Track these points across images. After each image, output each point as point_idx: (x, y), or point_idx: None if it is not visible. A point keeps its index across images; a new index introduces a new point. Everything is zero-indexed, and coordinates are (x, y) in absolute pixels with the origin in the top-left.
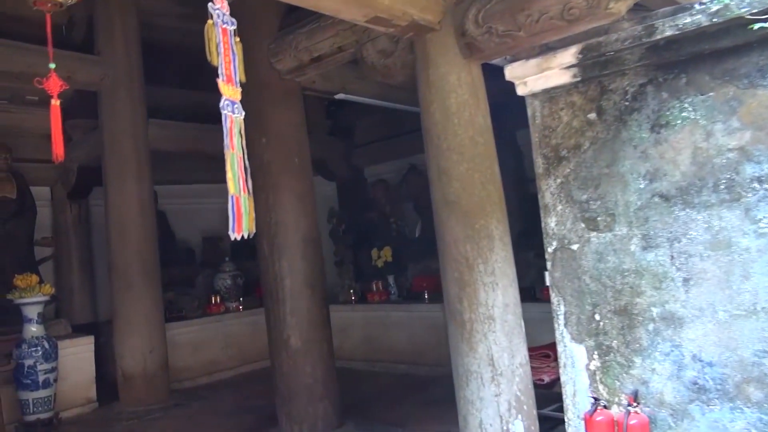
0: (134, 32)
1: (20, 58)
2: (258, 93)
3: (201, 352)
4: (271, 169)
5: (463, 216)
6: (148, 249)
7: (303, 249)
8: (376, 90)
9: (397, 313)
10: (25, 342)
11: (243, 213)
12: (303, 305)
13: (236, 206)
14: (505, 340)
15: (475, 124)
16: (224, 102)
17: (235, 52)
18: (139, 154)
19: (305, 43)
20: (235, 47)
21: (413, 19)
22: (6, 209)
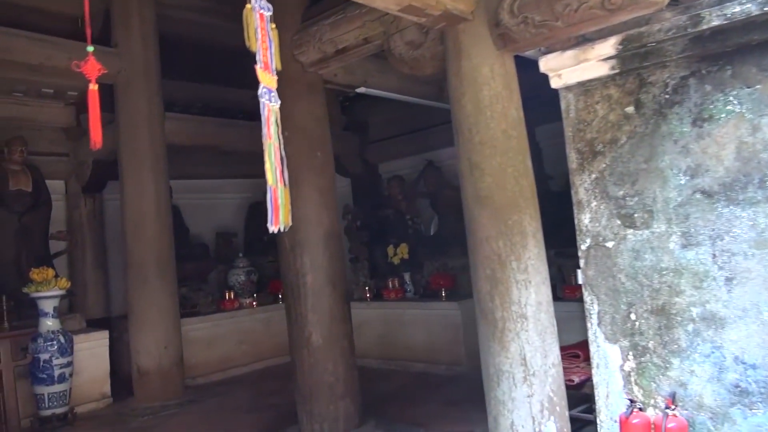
0: (151, 25)
1: (39, 50)
2: (280, 85)
3: (215, 348)
4: (293, 163)
5: (496, 212)
6: (164, 243)
7: (325, 244)
8: (396, 84)
9: (413, 311)
10: (41, 336)
11: (280, 205)
12: (324, 302)
13: (274, 198)
14: (537, 340)
15: (508, 117)
16: (262, 90)
17: (271, 38)
18: (156, 147)
19: (330, 35)
20: (271, 33)
21: (446, 9)
22: (22, 202)
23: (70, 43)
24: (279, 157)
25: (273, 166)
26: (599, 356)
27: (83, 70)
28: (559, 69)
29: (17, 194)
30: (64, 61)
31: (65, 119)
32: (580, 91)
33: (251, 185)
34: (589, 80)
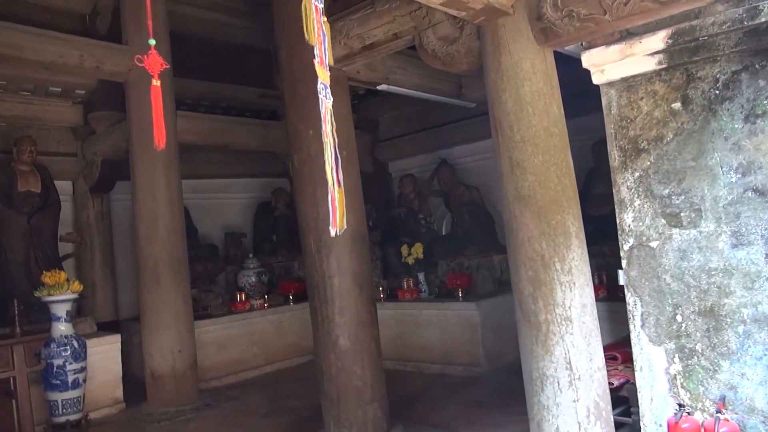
0: (162, 21)
1: (51, 47)
2: (304, 82)
3: (227, 351)
4: (318, 161)
5: (538, 211)
6: (176, 244)
7: (351, 245)
8: (417, 81)
9: (429, 312)
10: (53, 341)
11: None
12: (352, 305)
13: (332, 199)
14: (583, 343)
15: (550, 114)
16: (320, 86)
17: (324, 32)
18: (168, 146)
19: (357, 30)
20: (324, 27)
21: (488, 2)
22: (31, 203)
23: (82, 40)
24: (335, 157)
25: (330, 166)
26: (643, 359)
27: (146, 64)
28: (603, 64)
29: (26, 195)
30: (75, 59)
31: (73, 118)
32: (623, 86)
33: (259, 185)
34: (633, 76)
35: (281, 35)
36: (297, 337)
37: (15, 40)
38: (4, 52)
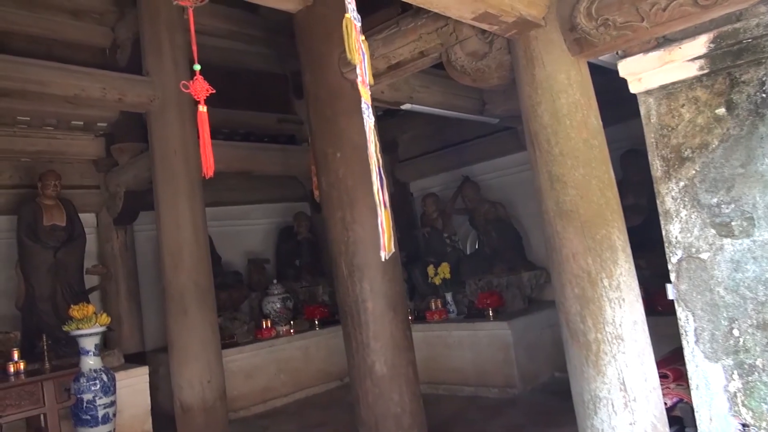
0: (182, 51)
1: (73, 81)
2: (330, 105)
3: (254, 379)
4: (347, 184)
5: (582, 226)
6: (202, 273)
7: (384, 268)
8: (440, 99)
9: (459, 332)
10: (83, 375)
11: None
12: (387, 329)
13: (380, 221)
14: (636, 362)
15: (589, 126)
16: (363, 105)
17: (363, 51)
18: (191, 175)
19: (382, 50)
20: (363, 45)
21: (521, 15)
22: (56, 237)
23: (104, 72)
24: (380, 178)
25: (376, 187)
26: (699, 376)
27: (192, 90)
28: (641, 72)
29: (52, 229)
30: (98, 92)
31: (95, 151)
32: (662, 94)
33: (279, 209)
34: (672, 83)
35: (305, 58)
36: (324, 363)
37: (39, 76)
38: (29, 88)
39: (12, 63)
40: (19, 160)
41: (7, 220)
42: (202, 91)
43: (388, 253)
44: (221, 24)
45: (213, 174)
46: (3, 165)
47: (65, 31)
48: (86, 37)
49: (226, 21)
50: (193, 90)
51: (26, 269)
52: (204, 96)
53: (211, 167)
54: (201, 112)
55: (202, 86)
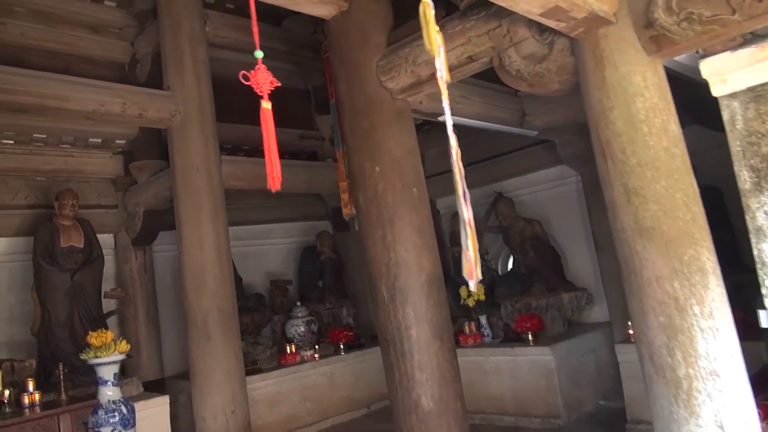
0: (204, 65)
1: (93, 96)
2: (368, 116)
3: (278, 408)
4: (387, 200)
5: (666, 245)
6: (226, 296)
7: (428, 292)
8: (479, 110)
9: (496, 358)
10: (101, 407)
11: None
12: (433, 359)
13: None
14: (735, 401)
15: (669, 133)
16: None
17: (440, 43)
18: (214, 193)
19: (426, 56)
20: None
21: (592, 10)
22: (74, 259)
23: (124, 87)
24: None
25: (461, 203)
26: None
27: (252, 82)
28: (726, 72)
29: (69, 251)
30: (118, 107)
31: (113, 169)
32: (748, 97)
33: (300, 229)
34: (763, 84)
35: (340, 66)
36: (350, 389)
37: (57, 91)
38: (47, 103)
39: (30, 77)
40: (35, 179)
41: (22, 242)
42: (265, 83)
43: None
44: (244, 37)
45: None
46: (18, 184)
47: (84, 46)
48: (105, 52)
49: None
50: (255, 82)
51: (42, 293)
52: (268, 89)
53: (278, 178)
54: (264, 109)
55: (265, 78)
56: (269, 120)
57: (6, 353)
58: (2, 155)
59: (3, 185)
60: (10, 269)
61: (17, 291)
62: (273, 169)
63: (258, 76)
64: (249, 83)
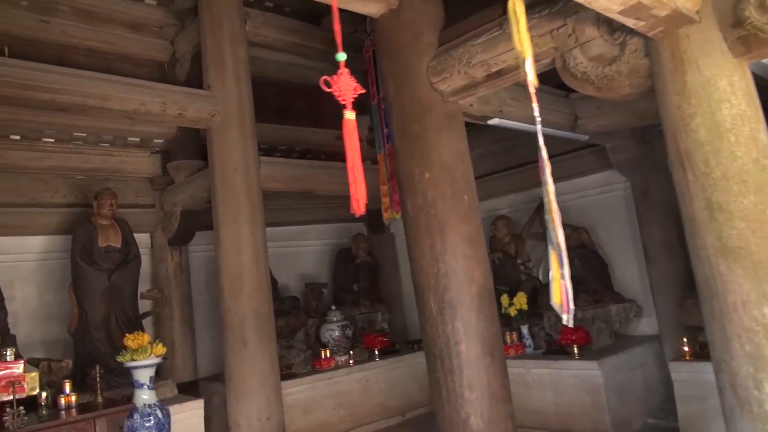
0: (244, 64)
1: (134, 95)
2: (418, 119)
3: (312, 414)
4: (437, 207)
5: (755, 267)
6: (262, 300)
7: (479, 305)
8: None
9: (539, 370)
10: (136, 411)
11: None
12: (483, 376)
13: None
14: None
15: (759, 143)
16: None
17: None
18: (252, 195)
19: (482, 56)
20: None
21: (676, 7)
22: (111, 259)
23: (164, 86)
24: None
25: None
26: None
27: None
28: None
29: (106, 251)
30: (158, 106)
31: (151, 168)
32: None
33: (334, 230)
34: None
35: (388, 67)
36: (384, 397)
37: (100, 90)
38: (89, 102)
39: (73, 76)
40: (74, 177)
41: (60, 240)
42: (348, 90)
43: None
44: (284, 36)
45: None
46: (58, 183)
47: (124, 45)
48: (145, 51)
49: (289, 33)
50: (337, 89)
51: (80, 293)
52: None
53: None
54: (348, 120)
55: (348, 84)
56: (353, 133)
57: (42, 352)
58: (43, 153)
59: (43, 183)
60: (48, 267)
61: (54, 290)
62: (357, 190)
63: (340, 83)
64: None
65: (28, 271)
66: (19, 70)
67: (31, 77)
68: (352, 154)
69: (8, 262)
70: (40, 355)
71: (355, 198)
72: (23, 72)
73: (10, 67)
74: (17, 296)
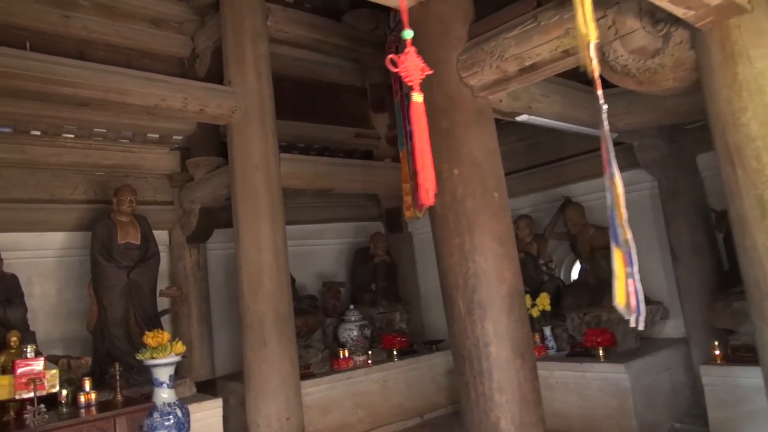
0: (265, 60)
1: (155, 90)
2: (447, 114)
3: (330, 415)
4: (466, 206)
5: None
6: (282, 299)
7: (509, 306)
8: (559, 109)
9: (563, 373)
10: (156, 410)
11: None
12: (513, 379)
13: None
14: None
15: None
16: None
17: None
18: (273, 192)
19: (515, 50)
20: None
21: None
22: (130, 256)
23: (186, 82)
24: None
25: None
26: None
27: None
28: None
29: (126, 248)
30: (179, 102)
31: (169, 165)
32: None
33: (352, 229)
34: None
35: None
36: (402, 398)
37: (121, 84)
38: (110, 97)
39: (94, 71)
40: (93, 174)
41: (79, 237)
42: (416, 70)
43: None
44: (305, 32)
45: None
46: (77, 179)
47: (144, 41)
48: (165, 47)
49: (310, 29)
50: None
51: (99, 290)
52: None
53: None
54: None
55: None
56: (422, 116)
57: (61, 349)
58: (63, 149)
59: (63, 179)
60: (67, 264)
61: (73, 286)
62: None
63: (407, 62)
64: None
65: (48, 268)
66: (41, 64)
67: (53, 71)
68: (420, 139)
69: (28, 259)
70: (58, 352)
71: (424, 187)
72: (45, 66)
73: (32, 60)
74: (36, 293)
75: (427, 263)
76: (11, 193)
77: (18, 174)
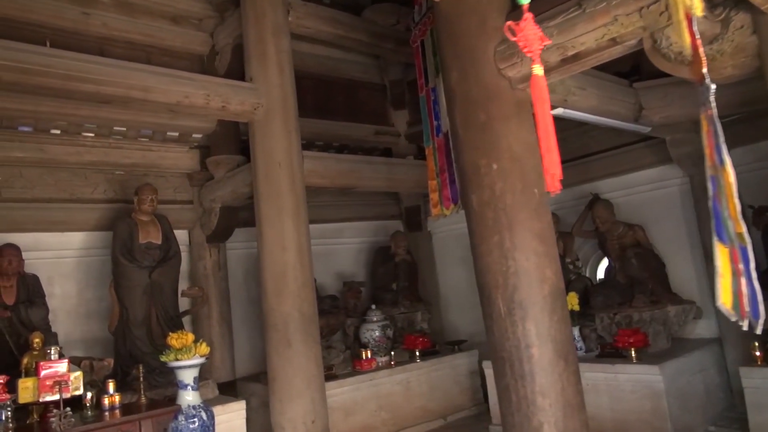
0: (287, 56)
1: (177, 87)
2: (485, 107)
3: (354, 416)
4: (506, 201)
5: None
6: (307, 299)
7: (552, 306)
8: (594, 103)
9: (593, 374)
10: (181, 412)
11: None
12: (557, 383)
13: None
14: None
15: None
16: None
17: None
18: (296, 190)
19: (558, 39)
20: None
21: None
22: (152, 256)
23: (208, 78)
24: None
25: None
26: None
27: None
28: None
29: (147, 247)
30: (201, 99)
31: (189, 164)
32: None
33: (371, 228)
34: None
35: (450, 53)
36: (425, 399)
37: (143, 81)
38: (132, 94)
39: (117, 68)
40: (113, 173)
41: (100, 236)
42: (534, 40)
43: (759, 322)
44: (327, 27)
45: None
46: (98, 178)
47: (164, 38)
48: (184, 44)
49: (332, 24)
50: (522, 38)
51: (120, 290)
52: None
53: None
54: (536, 76)
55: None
56: (544, 91)
57: (81, 350)
58: (83, 148)
59: (83, 179)
60: (87, 264)
61: (94, 287)
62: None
63: (525, 30)
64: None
65: (68, 268)
66: (64, 61)
67: (75, 68)
68: (543, 118)
69: (48, 259)
70: (79, 353)
71: (550, 173)
72: (67, 63)
73: (54, 57)
74: (57, 293)
75: (447, 263)
76: (31, 192)
77: (38, 173)
